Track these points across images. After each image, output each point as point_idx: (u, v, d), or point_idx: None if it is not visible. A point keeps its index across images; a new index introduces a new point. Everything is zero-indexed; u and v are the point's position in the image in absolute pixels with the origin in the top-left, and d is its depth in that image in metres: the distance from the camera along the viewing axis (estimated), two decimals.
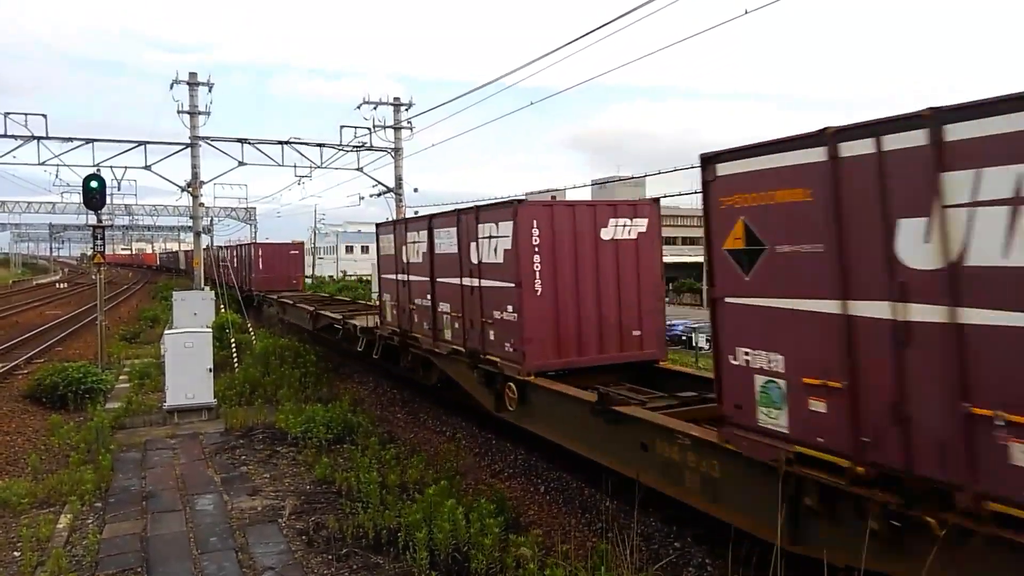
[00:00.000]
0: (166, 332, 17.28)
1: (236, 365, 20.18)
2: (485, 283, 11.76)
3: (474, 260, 12.05)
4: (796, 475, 6.11)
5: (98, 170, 24.99)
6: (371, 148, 30.27)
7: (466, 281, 12.40)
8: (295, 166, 30.29)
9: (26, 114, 26.18)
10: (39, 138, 26.31)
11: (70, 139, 27.15)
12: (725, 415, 6.88)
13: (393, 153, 30.72)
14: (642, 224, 11.35)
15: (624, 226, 11.26)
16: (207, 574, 7.89)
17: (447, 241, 13.16)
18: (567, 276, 10.95)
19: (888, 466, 5.37)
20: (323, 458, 11.74)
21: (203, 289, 28.92)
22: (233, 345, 21.76)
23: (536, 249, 10.78)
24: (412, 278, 15.04)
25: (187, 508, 9.97)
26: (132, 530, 9.21)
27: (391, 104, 30.16)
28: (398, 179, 30.94)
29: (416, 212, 17.11)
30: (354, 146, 29.98)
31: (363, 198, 36.80)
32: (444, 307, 13.48)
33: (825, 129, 5.66)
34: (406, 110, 30.35)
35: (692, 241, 75.16)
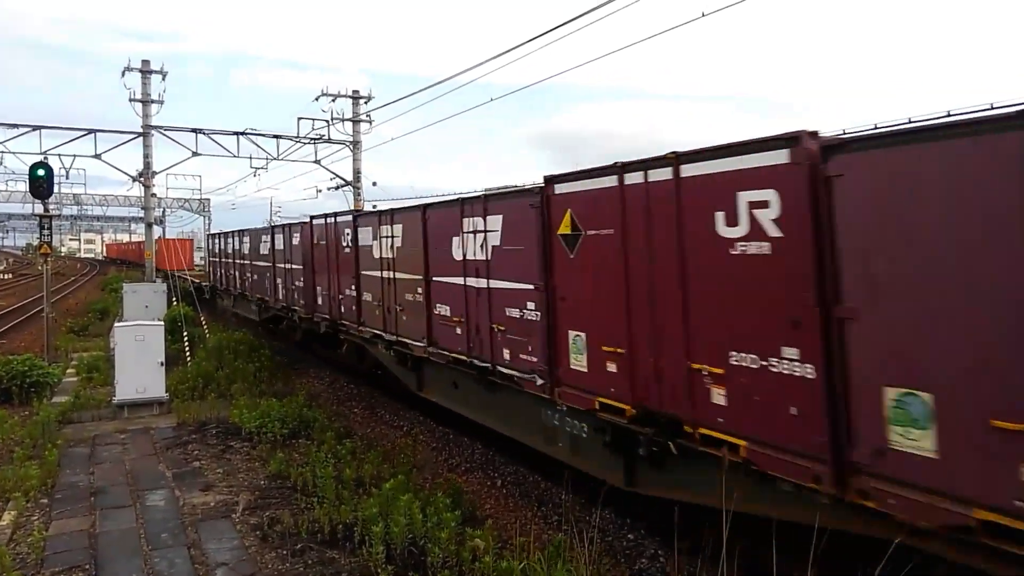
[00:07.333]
0: (116, 324, 16.88)
1: (189, 359, 19.83)
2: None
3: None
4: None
5: (45, 158, 24.25)
6: (329, 141, 29.86)
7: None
8: (251, 157, 29.66)
9: None
10: None
11: (15, 126, 26.16)
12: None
13: (351, 146, 30.42)
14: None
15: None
16: (158, 571, 7.77)
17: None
18: None
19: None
20: (278, 453, 11.63)
21: (155, 281, 28.31)
22: (186, 338, 21.36)
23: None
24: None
25: (137, 504, 9.79)
26: (80, 527, 9.02)
27: (350, 97, 29.85)
28: (356, 172, 30.63)
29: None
30: (311, 138, 29.53)
31: (320, 191, 36.31)
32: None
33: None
34: (365, 103, 30.04)
35: None
